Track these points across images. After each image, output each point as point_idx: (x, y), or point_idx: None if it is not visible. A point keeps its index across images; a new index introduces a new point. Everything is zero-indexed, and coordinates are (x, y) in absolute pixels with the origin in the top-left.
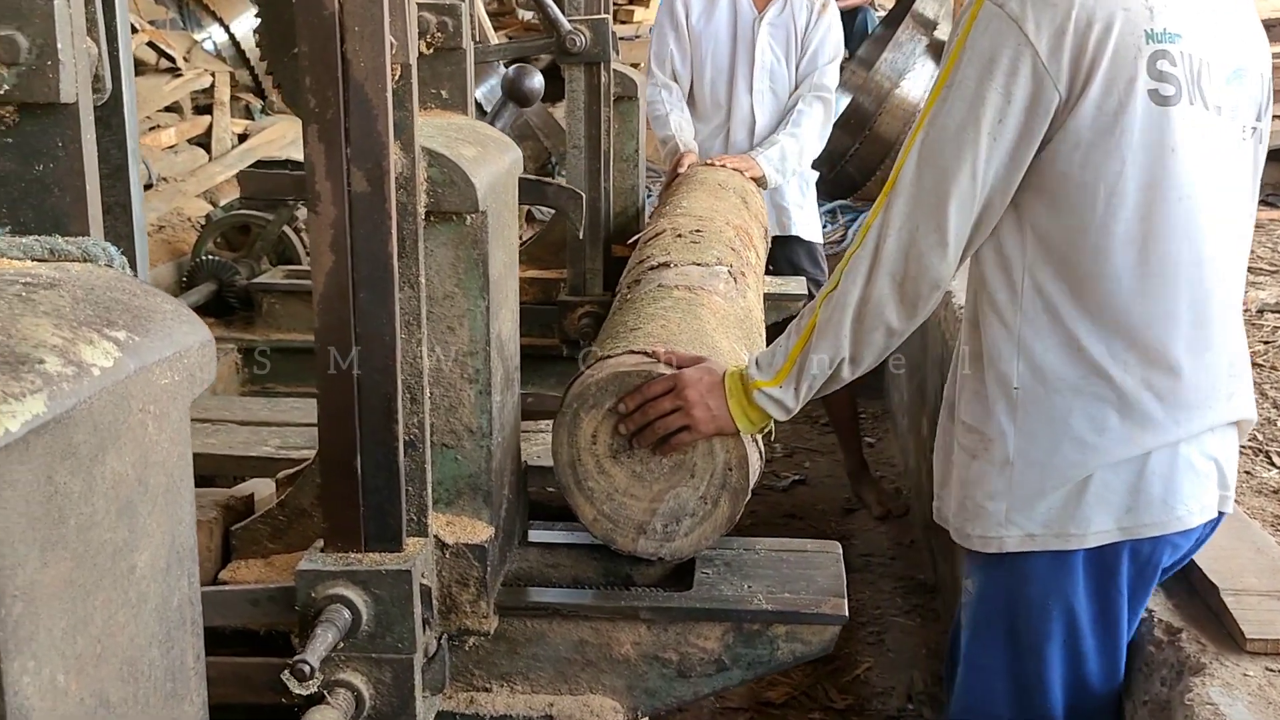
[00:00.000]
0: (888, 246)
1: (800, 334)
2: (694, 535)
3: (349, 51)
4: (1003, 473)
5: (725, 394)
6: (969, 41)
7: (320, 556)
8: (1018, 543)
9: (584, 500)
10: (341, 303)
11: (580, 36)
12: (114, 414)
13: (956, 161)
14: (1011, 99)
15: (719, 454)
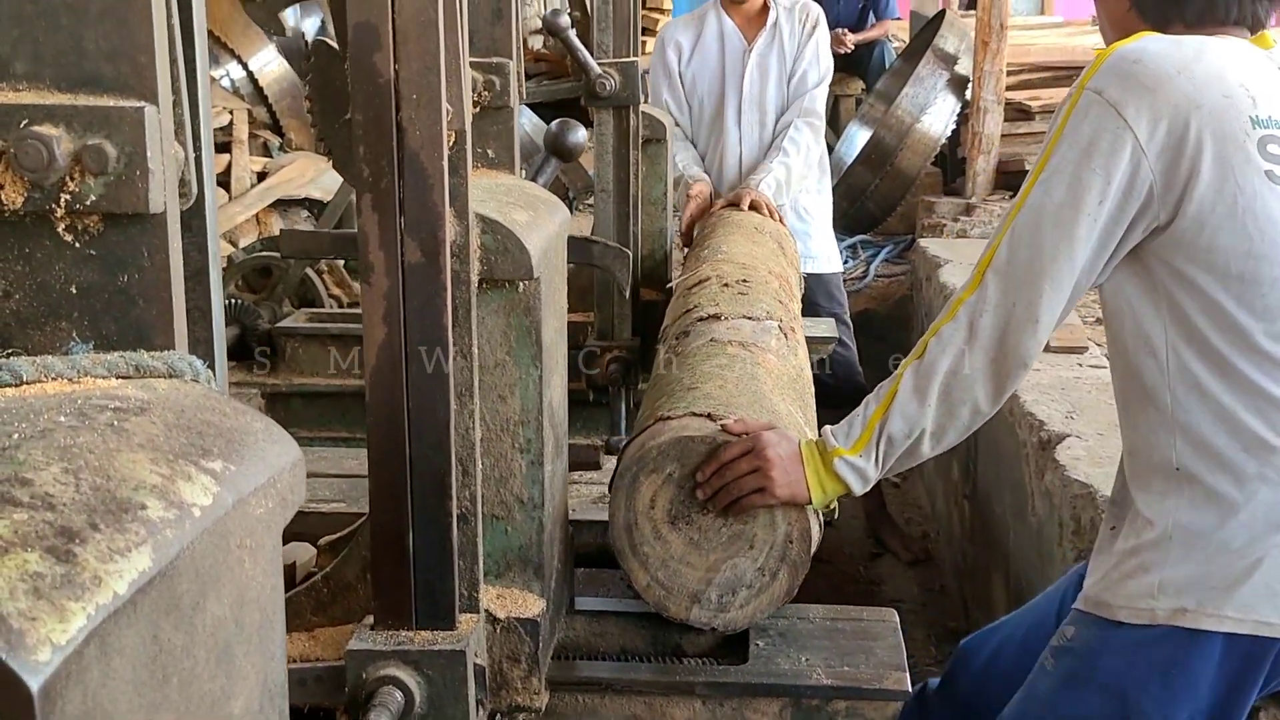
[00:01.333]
0: (983, 323)
1: (881, 401)
2: (749, 607)
3: (404, 120)
4: (1159, 546)
5: (802, 462)
6: (1069, 127)
7: (370, 635)
8: (1168, 615)
9: (638, 565)
10: (394, 377)
11: (610, 80)
12: (214, 555)
13: (1054, 243)
14: (1110, 182)
15: (780, 525)
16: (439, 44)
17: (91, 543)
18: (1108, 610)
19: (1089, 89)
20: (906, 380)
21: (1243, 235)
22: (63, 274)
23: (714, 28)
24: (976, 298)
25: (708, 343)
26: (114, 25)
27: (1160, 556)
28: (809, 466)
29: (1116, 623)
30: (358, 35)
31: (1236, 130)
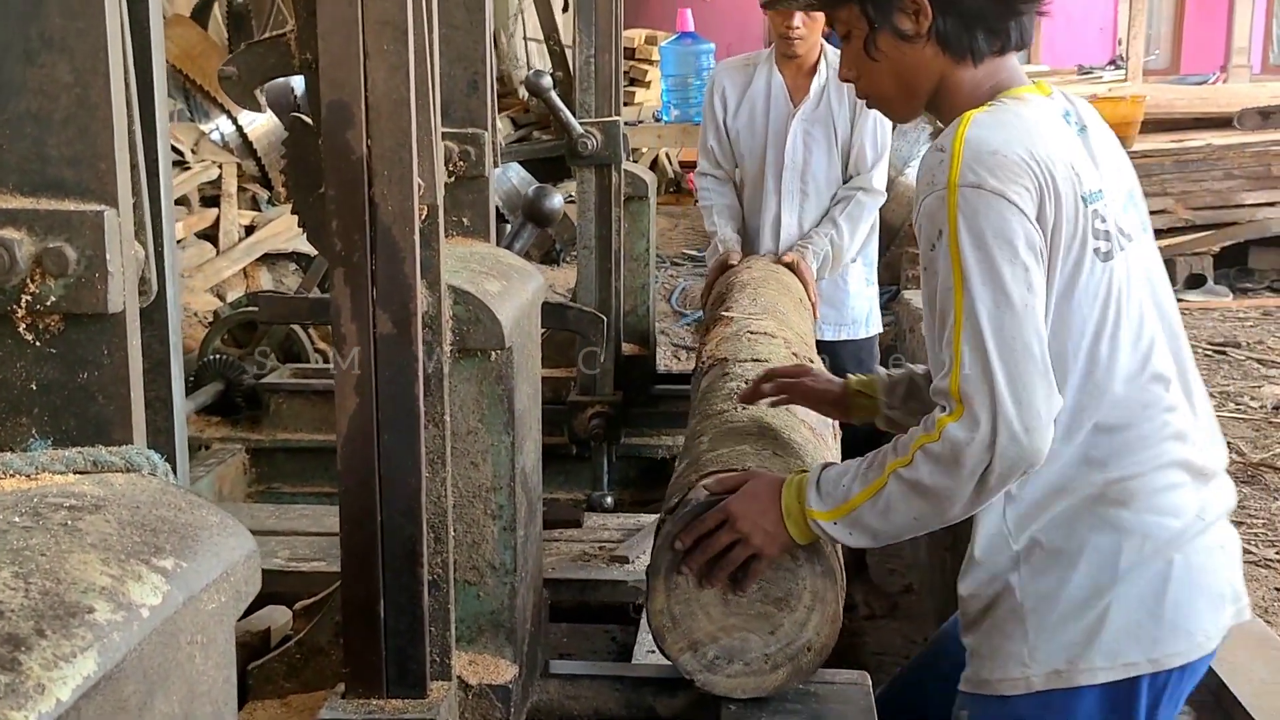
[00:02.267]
0: (969, 450)
1: (866, 487)
2: (735, 681)
3: (376, 195)
4: (1017, 615)
5: (781, 511)
6: (964, 230)
7: (341, 703)
8: (1044, 680)
9: (663, 589)
10: (365, 446)
11: (592, 139)
12: (163, 654)
13: (1014, 345)
14: (1029, 267)
15: (809, 632)
16: (410, 121)
17: (37, 650)
18: (988, 687)
19: (964, 186)
20: (893, 489)
21: (1078, 314)
22: (23, 371)
23: (763, 81)
24: (960, 425)
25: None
26: (76, 133)
27: (1020, 626)
28: (789, 518)
29: (1000, 698)
30: (331, 113)
31: (1074, 207)
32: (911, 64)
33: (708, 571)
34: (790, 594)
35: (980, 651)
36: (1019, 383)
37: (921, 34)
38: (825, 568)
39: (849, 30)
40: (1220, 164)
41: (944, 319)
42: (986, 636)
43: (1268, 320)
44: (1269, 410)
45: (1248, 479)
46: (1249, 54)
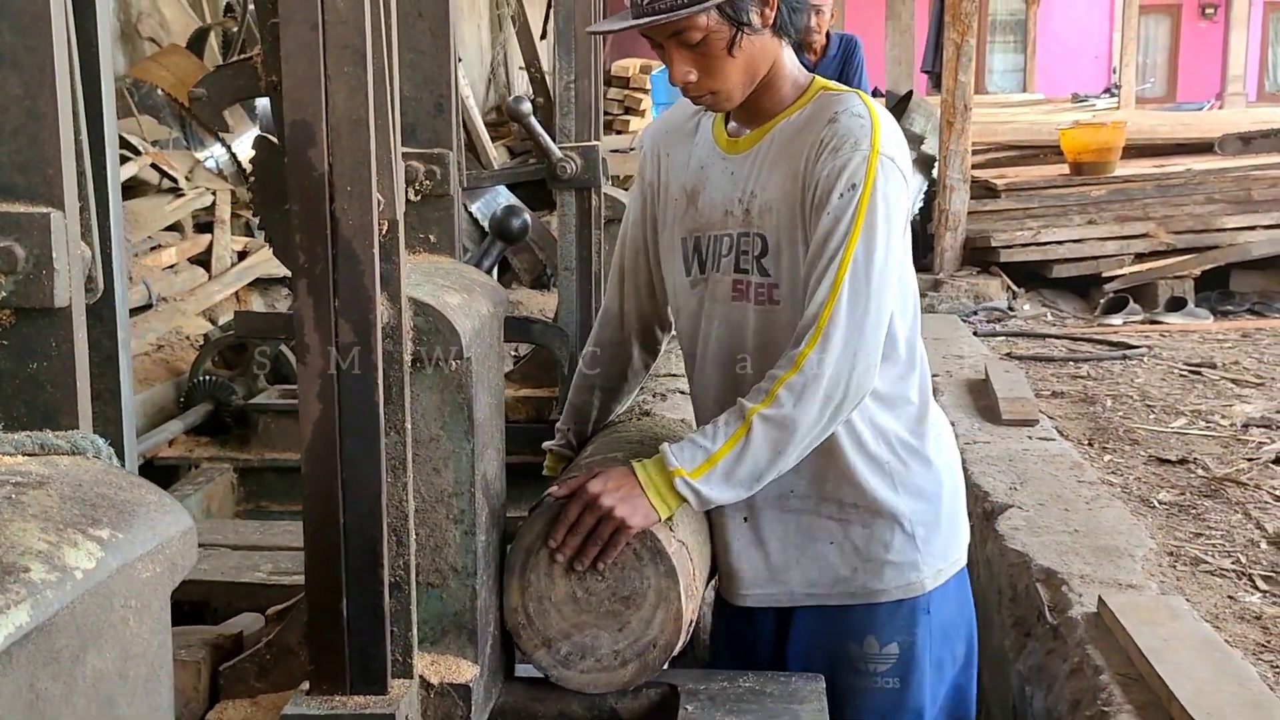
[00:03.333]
0: (827, 375)
1: (728, 439)
2: (588, 677)
3: (338, 210)
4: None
5: (640, 486)
6: (878, 193)
7: (306, 700)
8: (934, 578)
9: (518, 587)
10: (328, 451)
11: (571, 163)
12: (96, 614)
13: (881, 292)
14: (905, 231)
15: (654, 629)
16: (370, 140)
17: None
18: (882, 596)
19: (884, 155)
20: (758, 430)
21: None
22: None
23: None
24: (820, 350)
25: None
26: (26, 141)
27: (910, 540)
28: (649, 488)
29: (896, 602)
30: (294, 132)
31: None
32: (759, 53)
33: (579, 555)
34: (636, 593)
35: (868, 567)
36: (874, 324)
37: (768, 24)
38: (668, 567)
39: (704, 36)
40: (1201, 188)
41: (832, 260)
42: (869, 554)
43: (1246, 342)
44: (1238, 429)
45: (1210, 493)
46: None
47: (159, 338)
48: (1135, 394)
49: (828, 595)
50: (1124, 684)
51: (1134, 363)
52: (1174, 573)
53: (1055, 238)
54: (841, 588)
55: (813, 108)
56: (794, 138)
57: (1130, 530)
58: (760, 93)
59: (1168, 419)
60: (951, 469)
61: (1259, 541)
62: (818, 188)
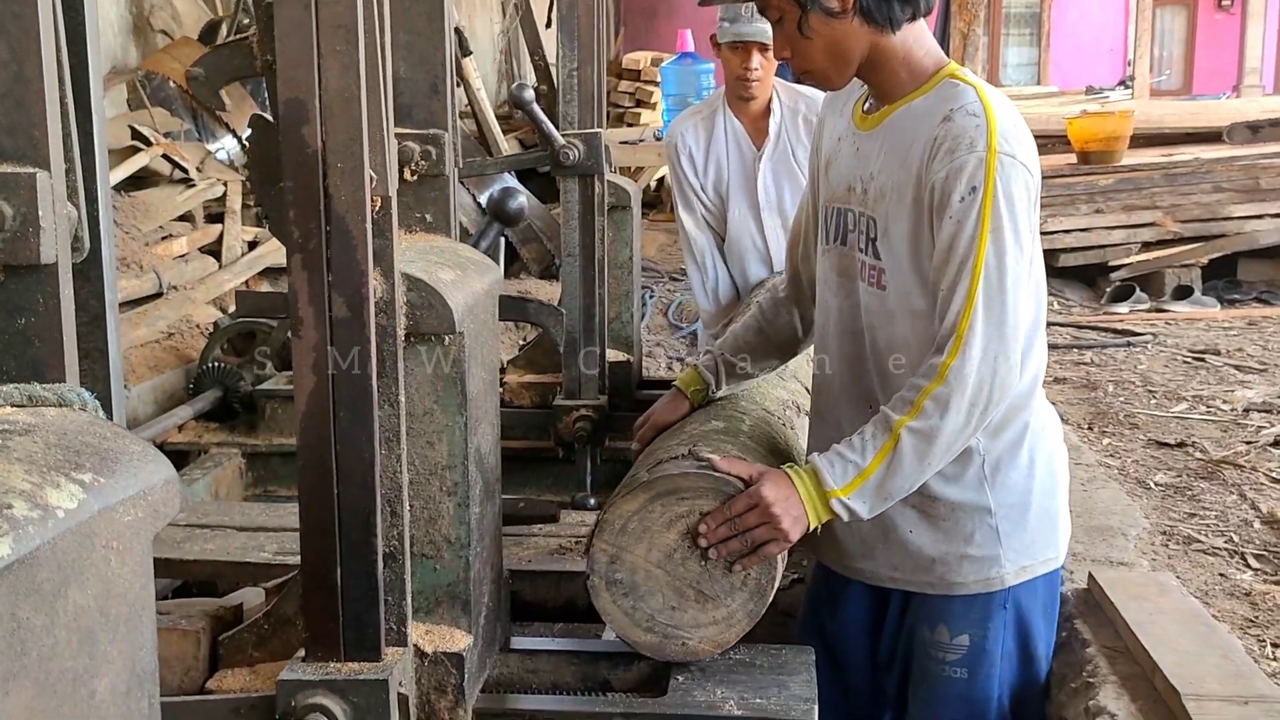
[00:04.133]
0: (971, 382)
1: (877, 453)
2: (612, 605)
3: (331, 186)
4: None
5: (800, 498)
6: (1000, 194)
7: (301, 666)
8: (1015, 575)
9: (639, 504)
10: (322, 422)
11: (574, 150)
12: (77, 551)
13: (1017, 292)
14: (1033, 227)
15: (696, 637)
16: (362, 117)
17: None
18: (960, 589)
19: (1003, 154)
20: (906, 443)
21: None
22: None
23: (723, 130)
24: (961, 360)
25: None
26: (13, 105)
27: (993, 533)
28: (806, 501)
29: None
30: (288, 109)
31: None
32: (841, 38)
33: (725, 546)
34: (713, 602)
35: (947, 559)
36: (1009, 326)
37: (848, 10)
38: (756, 609)
39: (781, 15)
40: (1209, 177)
41: (963, 265)
42: (949, 546)
43: (1251, 330)
44: (1239, 413)
45: (1207, 475)
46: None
47: (169, 325)
48: (1137, 380)
49: (909, 581)
50: (1110, 656)
51: (1138, 350)
52: (1166, 551)
53: (1062, 227)
54: (922, 575)
55: (933, 97)
56: (911, 126)
57: (1125, 510)
58: (871, 78)
59: (1169, 404)
60: (1048, 465)
61: (1253, 522)
62: (935, 190)
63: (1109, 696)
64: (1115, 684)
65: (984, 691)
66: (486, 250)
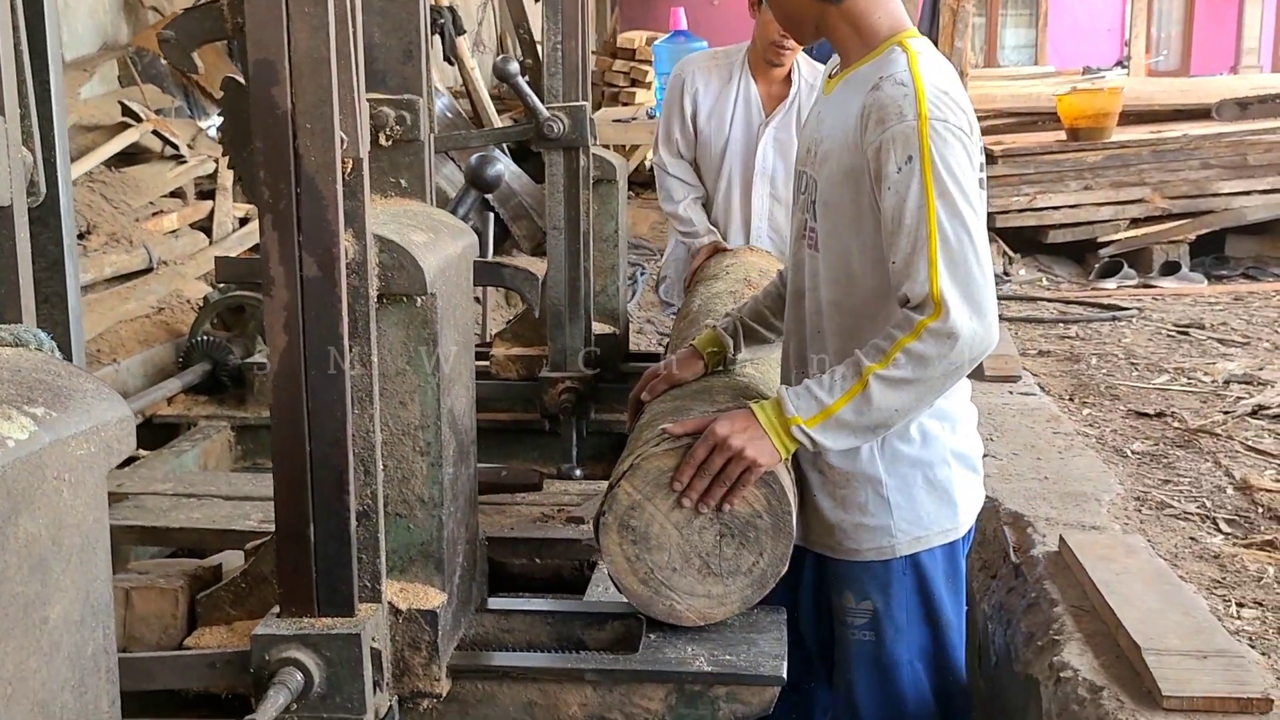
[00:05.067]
0: (948, 343)
1: (844, 394)
2: (616, 547)
3: (301, 147)
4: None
5: (762, 427)
6: (936, 159)
7: (276, 621)
8: (910, 545)
9: (657, 463)
10: (294, 381)
11: (558, 123)
12: (28, 481)
13: (977, 248)
14: (977, 192)
15: (685, 604)
16: (331, 79)
17: None
18: (857, 555)
19: (933, 120)
20: (874, 389)
21: None
22: None
23: (736, 87)
24: (941, 322)
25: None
26: None
27: (884, 504)
28: (770, 430)
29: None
30: (258, 71)
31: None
32: (794, 11)
33: (706, 496)
34: (718, 577)
35: (844, 526)
36: (978, 285)
37: None
38: (751, 596)
39: None
40: (1197, 154)
41: (916, 233)
42: (846, 513)
43: (1237, 305)
44: (1219, 385)
45: (1184, 444)
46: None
47: (159, 300)
48: (1121, 353)
49: (819, 544)
50: (1076, 615)
51: (1123, 324)
52: (1139, 516)
53: (1051, 203)
54: (825, 539)
55: (875, 64)
56: (852, 93)
57: (1099, 477)
58: (831, 41)
59: (1151, 376)
60: (943, 438)
61: (1226, 488)
62: (871, 161)
63: (1073, 653)
64: (1080, 640)
65: (892, 656)
66: (464, 217)
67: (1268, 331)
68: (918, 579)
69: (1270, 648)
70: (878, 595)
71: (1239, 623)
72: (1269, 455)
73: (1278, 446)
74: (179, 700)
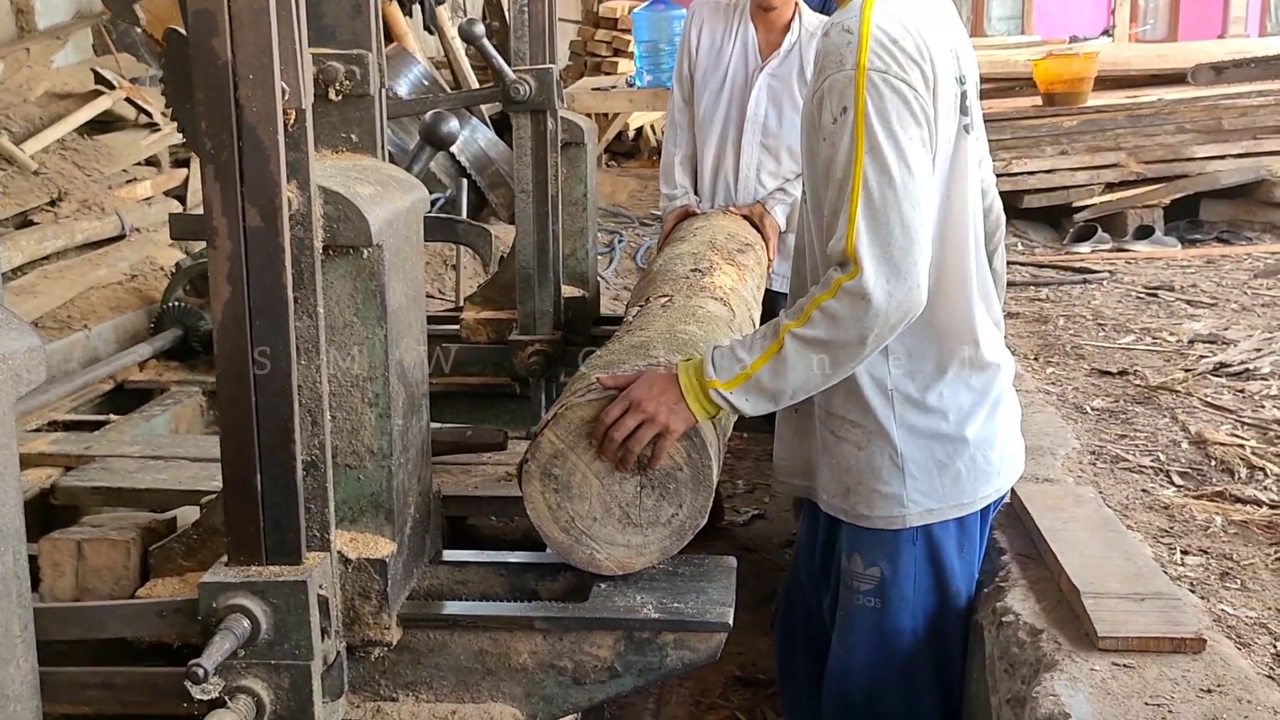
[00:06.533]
0: (862, 302)
1: (762, 354)
2: (537, 495)
3: (242, 98)
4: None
5: (680, 390)
6: (871, 112)
7: (224, 570)
8: (922, 516)
9: (581, 415)
10: (239, 332)
11: (525, 85)
12: None
13: (905, 210)
14: (915, 149)
15: (605, 552)
16: (271, 29)
17: None
18: (866, 521)
19: (872, 71)
20: (790, 348)
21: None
22: None
23: (737, 31)
24: (856, 281)
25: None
26: None
27: (899, 473)
28: (688, 393)
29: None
30: (197, 21)
31: (950, 86)
32: None
33: (622, 459)
34: (638, 527)
35: (859, 490)
36: (900, 246)
37: None
38: (670, 546)
39: None
40: (1172, 118)
41: (842, 187)
42: (860, 478)
43: (1209, 268)
44: (1184, 344)
45: (1143, 400)
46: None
47: (132, 267)
48: (1089, 314)
49: (832, 506)
50: (1022, 562)
51: (1094, 287)
52: (1093, 469)
53: (1026, 168)
54: (839, 502)
55: (840, 12)
56: (822, 38)
57: (1057, 432)
58: None
59: (1117, 336)
60: (966, 413)
61: (1181, 442)
62: (814, 109)
63: (1016, 598)
64: (1024, 587)
65: (895, 623)
66: (418, 174)
67: (1237, 293)
68: (929, 549)
69: (1210, 592)
70: (886, 563)
71: (1182, 569)
72: (1226, 411)
73: (1236, 403)
74: (133, 652)
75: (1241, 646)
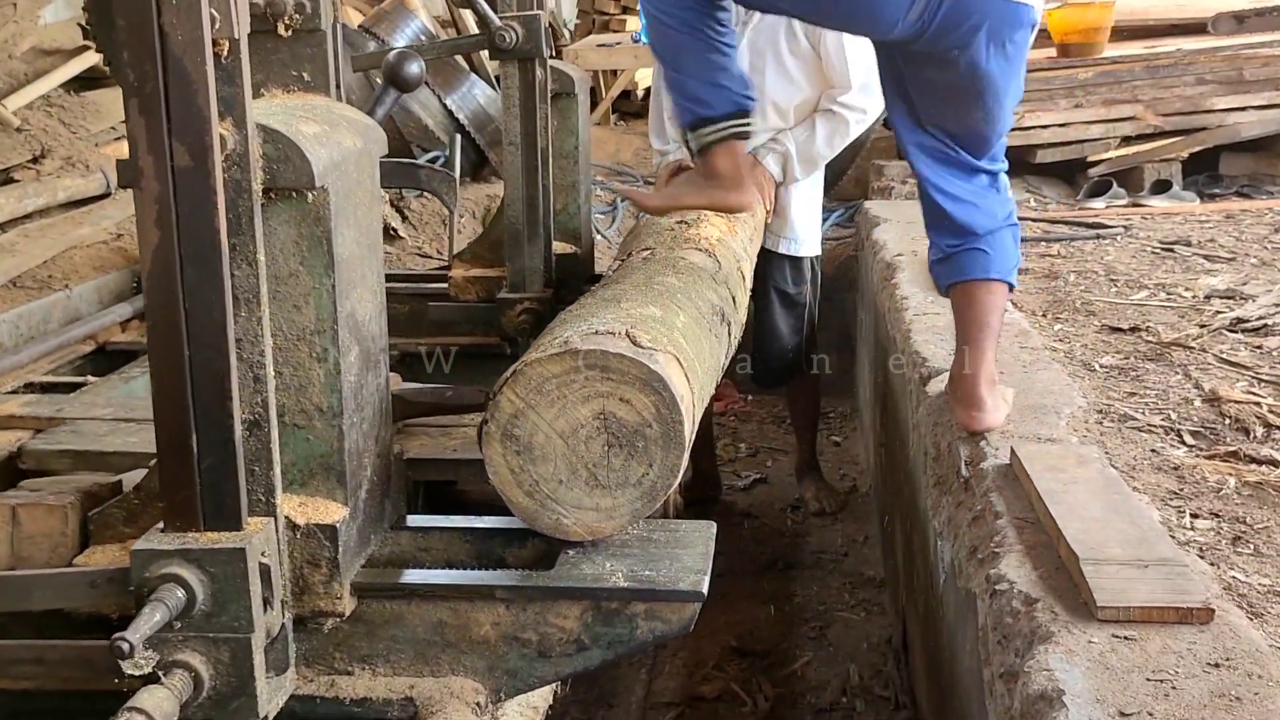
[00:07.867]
0: None
1: None
2: (500, 458)
3: (166, 24)
4: None
5: None
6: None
7: (159, 536)
8: None
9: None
10: (168, 280)
11: (511, 33)
12: None
13: None
14: None
15: (572, 518)
16: None
17: None
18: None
19: None
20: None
21: None
22: None
23: None
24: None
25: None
26: None
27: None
28: None
29: None
30: None
31: None
32: None
33: None
34: (606, 489)
35: None
36: None
37: None
38: (641, 509)
39: None
40: (1191, 69)
41: None
42: None
43: (1228, 223)
44: (1199, 299)
45: (1155, 357)
46: None
47: (116, 225)
48: (1101, 270)
49: None
50: (1020, 527)
51: (1107, 242)
52: (1099, 428)
53: (1040, 122)
54: None
55: None
56: None
57: (1063, 390)
58: None
59: (1129, 292)
60: None
61: (1194, 400)
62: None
63: (1010, 565)
64: (1020, 553)
65: None
66: (380, 118)
67: (1256, 248)
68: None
69: (1221, 558)
70: None
71: (1191, 534)
72: (1242, 367)
73: (1253, 359)
74: (71, 624)
75: (1254, 616)
